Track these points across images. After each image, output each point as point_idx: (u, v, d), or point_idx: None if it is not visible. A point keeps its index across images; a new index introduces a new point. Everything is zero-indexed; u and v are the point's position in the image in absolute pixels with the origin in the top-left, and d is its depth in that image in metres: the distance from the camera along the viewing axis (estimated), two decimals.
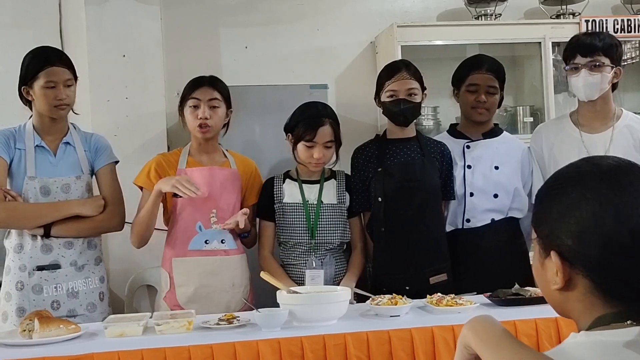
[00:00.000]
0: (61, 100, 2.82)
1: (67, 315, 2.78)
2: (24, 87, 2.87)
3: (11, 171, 2.84)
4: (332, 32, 4.40)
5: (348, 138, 3.16)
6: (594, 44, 2.95)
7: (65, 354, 2.15)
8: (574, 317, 1.19)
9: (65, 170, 2.89)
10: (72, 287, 2.85)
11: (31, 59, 2.89)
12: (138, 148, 3.81)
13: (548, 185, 1.22)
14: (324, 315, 2.42)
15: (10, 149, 2.83)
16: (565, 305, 1.20)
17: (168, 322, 2.37)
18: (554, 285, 1.17)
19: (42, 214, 2.80)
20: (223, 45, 4.30)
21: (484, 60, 3.22)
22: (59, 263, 2.84)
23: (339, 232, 3.03)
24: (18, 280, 2.81)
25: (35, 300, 2.79)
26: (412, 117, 3.05)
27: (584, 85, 2.97)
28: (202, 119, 2.95)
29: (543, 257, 1.20)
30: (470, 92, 3.15)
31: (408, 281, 2.87)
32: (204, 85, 3.01)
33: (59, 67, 2.84)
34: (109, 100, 3.82)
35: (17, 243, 2.84)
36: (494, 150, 3.18)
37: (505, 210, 3.13)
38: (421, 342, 2.29)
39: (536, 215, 1.23)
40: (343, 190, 3.09)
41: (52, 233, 2.82)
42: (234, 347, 2.20)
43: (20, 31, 4.06)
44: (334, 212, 3.04)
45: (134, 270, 3.75)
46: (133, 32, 3.90)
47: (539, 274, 1.23)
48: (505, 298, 2.57)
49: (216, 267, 2.94)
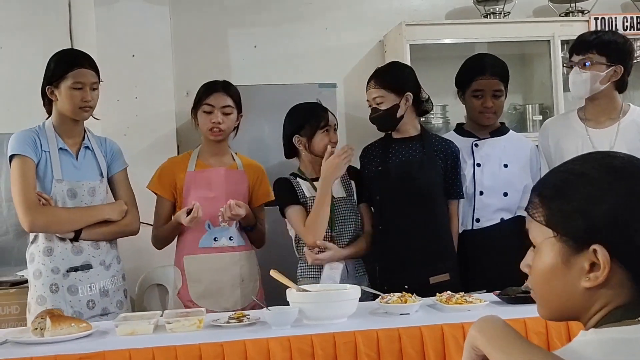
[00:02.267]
0: (87, 103, 2.83)
1: (101, 314, 2.84)
2: (49, 87, 2.86)
3: (38, 173, 2.82)
4: (340, 31, 4.41)
5: (356, 137, 3.18)
6: (587, 41, 2.91)
7: (76, 352, 2.15)
8: (585, 315, 1.16)
9: (89, 174, 2.91)
10: (103, 286, 2.88)
11: (59, 58, 2.89)
12: (147, 147, 3.83)
13: (569, 180, 1.16)
14: (333, 313, 2.42)
15: (38, 150, 2.82)
16: (584, 304, 1.15)
17: (179, 321, 2.38)
18: (587, 282, 1.12)
19: (76, 219, 2.82)
20: (232, 45, 4.32)
21: (486, 63, 3.19)
22: (90, 263, 2.86)
23: (353, 223, 3.05)
24: (52, 282, 2.80)
25: (71, 301, 2.80)
26: (384, 124, 3.07)
27: (572, 83, 2.94)
28: (214, 123, 3.04)
29: (568, 254, 1.14)
30: (476, 98, 3.15)
31: (406, 280, 2.84)
32: (218, 92, 3.07)
33: (87, 70, 2.86)
34: (118, 100, 3.83)
35: (46, 247, 2.82)
36: (502, 148, 3.18)
37: (514, 209, 3.13)
38: (431, 340, 2.28)
39: (560, 211, 1.15)
40: (348, 181, 3.11)
41: (81, 237, 2.84)
42: (244, 345, 2.20)
43: (30, 32, 4.09)
44: (346, 204, 3.06)
45: (144, 269, 3.77)
46: (142, 33, 3.91)
47: (556, 275, 1.16)
48: (515, 296, 2.56)
49: (225, 263, 3.04)
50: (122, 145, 3.11)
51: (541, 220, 1.18)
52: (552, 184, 1.19)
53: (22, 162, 2.78)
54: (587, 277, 1.12)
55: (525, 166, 3.17)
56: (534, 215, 1.20)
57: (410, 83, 3.05)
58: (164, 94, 3.91)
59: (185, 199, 3.05)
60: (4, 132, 3.39)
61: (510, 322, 2.38)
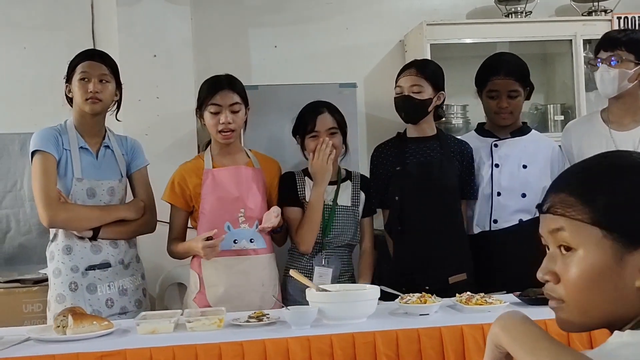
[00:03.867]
0: (92, 93, 2.82)
1: (120, 313, 2.84)
2: (67, 85, 2.91)
3: (58, 171, 2.83)
4: (361, 31, 4.41)
5: (376, 137, 3.17)
6: (616, 38, 2.89)
7: (98, 350, 2.17)
8: (627, 319, 1.09)
9: (108, 173, 2.92)
10: (121, 285, 2.89)
11: (75, 56, 2.93)
12: (169, 147, 3.85)
13: (610, 173, 1.11)
14: (353, 313, 2.42)
15: (59, 147, 2.83)
16: (635, 306, 1.07)
17: (199, 320, 2.40)
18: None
19: (95, 217, 2.83)
20: (252, 45, 4.33)
21: (502, 62, 3.17)
22: (109, 262, 2.87)
23: (350, 234, 3.03)
24: (71, 281, 2.81)
25: (90, 300, 2.80)
26: (413, 114, 3.04)
27: (600, 80, 2.90)
28: (224, 124, 2.92)
29: (621, 252, 1.06)
30: (491, 98, 3.13)
31: (427, 280, 2.84)
32: (223, 89, 2.94)
33: (95, 62, 2.87)
34: (140, 99, 3.85)
35: (65, 245, 2.83)
36: (521, 148, 3.15)
37: (534, 210, 3.10)
38: (451, 341, 2.28)
39: (608, 206, 1.08)
40: (357, 191, 3.08)
41: (100, 235, 2.85)
42: (264, 345, 2.21)
43: (53, 33, 4.13)
44: (347, 214, 3.04)
45: (165, 269, 3.78)
46: (164, 33, 3.94)
47: (606, 277, 1.07)
48: (535, 297, 2.54)
49: (246, 266, 2.94)
50: (144, 145, 3.13)
51: (582, 218, 1.09)
52: (586, 179, 1.12)
53: (44, 158, 2.80)
54: None
55: (546, 167, 3.13)
56: (571, 213, 1.10)
57: (443, 84, 3.07)
58: (185, 94, 3.92)
59: (203, 199, 2.95)
60: (28, 131, 3.42)
61: None
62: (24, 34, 4.14)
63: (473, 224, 3.16)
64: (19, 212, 4.00)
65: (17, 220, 4.02)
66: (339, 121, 3.03)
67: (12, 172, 4.01)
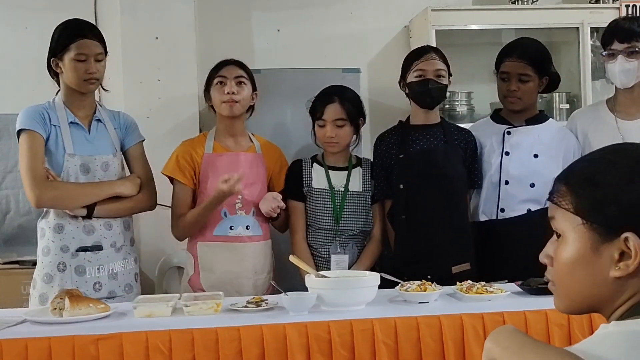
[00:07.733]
0: (91, 74, 2.77)
1: (107, 297, 2.76)
2: (54, 59, 2.83)
3: (48, 148, 2.77)
4: (365, 16, 4.37)
5: (380, 123, 3.15)
6: (632, 29, 2.88)
7: (94, 333, 2.17)
8: (610, 307, 1.15)
9: (102, 148, 2.85)
10: (112, 269, 2.83)
11: (62, 30, 2.85)
12: (170, 130, 3.82)
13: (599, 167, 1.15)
14: (352, 300, 2.40)
15: (46, 125, 2.77)
16: (611, 295, 1.13)
17: (196, 304, 2.38)
18: (617, 272, 1.11)
19: (86, 194, 2.76)
20: (255, 28, 4.29)
21: (518, 45, 3.13)
22: (101, 244, 2.80)
23: (362, 220, 3.03)
24: (60, 261, 2.75)
25: (77, 282, 2.74)
26: (438, 98, 3.02)
27: (620, 71, 2.90)
28: (229, 94, 2.94)
29: (598, 242, 1.12)
30: (503, 81, 3.09)
31: (430, 270, 2.82)
32: (229, 64, 3.02)
33: (91, 40, 2.80)
34: (141, 82, 3.82)
35: (57, 223, 2.77)
36: (535, 137, 3.08)
37: (543, 200, 3.06)
38: (450, 329, 2.27)
39: (590, 198, 1.14)
40: (369, 178, 3.08)
41: (95, 214, 2.77)
42: (261, 330, 2.20)
43: (55, 14, 4.05)
44: (359, 200, 3.03)
45: (165, 252, 3.77)
46: (166, 15, 3.89)
47: (583, 264, 1.15)
48: (536, 287, 2.52)
49: (240, 253, 2.94)
50: (145, 128, 3.10)
51: (569, 207, 1.16)
52: (581, 172, 1.18)
53: (30, 136, 2.74)
54: (617, 266, 1.11)
55: (558, 157, 3.04)
56: (561, 203, 1.18)
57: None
58: (187, 77, 3.90)
59: (203, 183, 2.96)
60: None
61: (532, 313, 2.37)
62: (26, 15, 4.11)
63: (479, 212, 3.12)
64: (19, 193, 3.98)
65: (16, 201, 4.00)
66: (349, 112, 2.99)
67: (12, 153, 3.98)
